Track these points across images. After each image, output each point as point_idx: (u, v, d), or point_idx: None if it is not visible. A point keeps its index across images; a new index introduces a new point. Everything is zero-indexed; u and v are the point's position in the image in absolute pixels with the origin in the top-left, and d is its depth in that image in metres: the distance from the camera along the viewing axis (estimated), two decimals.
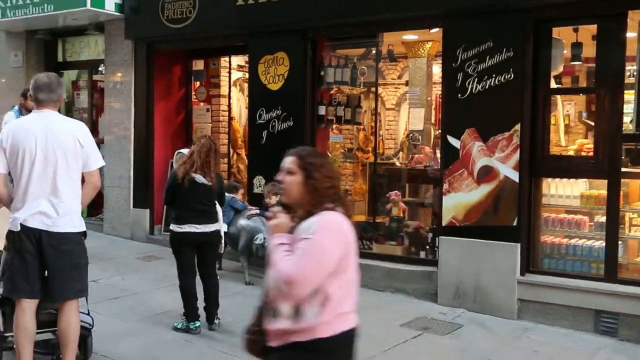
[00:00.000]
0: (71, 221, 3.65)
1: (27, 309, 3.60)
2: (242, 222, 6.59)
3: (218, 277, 6.06)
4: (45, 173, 3.57)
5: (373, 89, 9.93)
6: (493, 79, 5.62)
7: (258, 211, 6.56)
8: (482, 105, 5.71)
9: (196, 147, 4.86)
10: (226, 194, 6.68)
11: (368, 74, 7.53)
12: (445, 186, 5.98)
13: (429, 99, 9.61)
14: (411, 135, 9.14)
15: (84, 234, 3.75)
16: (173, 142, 8.84)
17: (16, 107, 5.95)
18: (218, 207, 5.09)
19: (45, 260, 3.60)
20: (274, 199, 6.56)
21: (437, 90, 10.67)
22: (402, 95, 12.19)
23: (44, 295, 3.66)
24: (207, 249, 5.03)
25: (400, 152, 9.61)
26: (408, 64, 10.64)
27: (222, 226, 5.11)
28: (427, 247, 6.54)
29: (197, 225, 4.86)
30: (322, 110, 7.08)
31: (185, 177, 4.75)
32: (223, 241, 5.14)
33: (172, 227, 4.92)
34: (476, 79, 5.71)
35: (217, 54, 8.77)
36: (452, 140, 5.93)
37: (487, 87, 5.67)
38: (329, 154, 7.40)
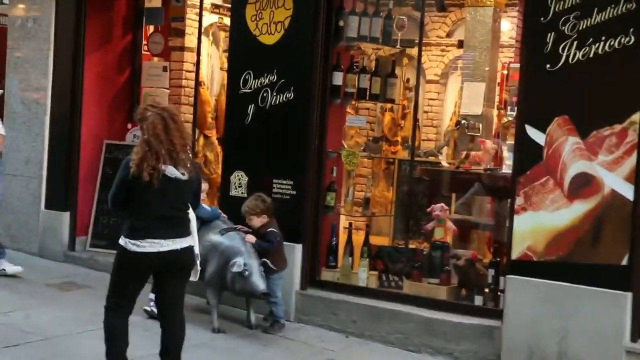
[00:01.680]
0: None
1: None
2: (213, 238, 6.48)
3: None
4: None
5: (410, 50, 9.96)
6: (602, 42, 5.54)
7: (252, 241, 6.45)
8: (583, 83, 5.63)
9: (148, 128, 4.74)
10: None
11: (408, 28, 7.45)
12: (519, 200, 5.90)
13: (492, 69, 9.59)
14: (464, 122, 9.13)
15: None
16: (110, 114, 8.81)
17: None
18: (192, 213, 4.99)
19: None
20: (256, 221, 6.46)
21: (506, 57, 10.69)
22: (451, 62, 12.18)
23: None
24: (175, 274, 4.95)
25: (445, 147, 9.55)
26: (464, 15, 10.63)
27: (196, 241, 5.01)
28: (487, 290, 6.45)
29: (164, 241, 4.76)
30: (338, 78, 7.01)
31: (151, 173, 4.63)
32: (198, 263, 5.03)
33: (125, 243, 4.80)
34: (576, 43, 5.62)
35: None
36: (532, 132, 5.86)
37: (591, 54, 5.58)
38: (344, 144, 7.33)
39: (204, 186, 6.78)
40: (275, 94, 6.97)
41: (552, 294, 5.72)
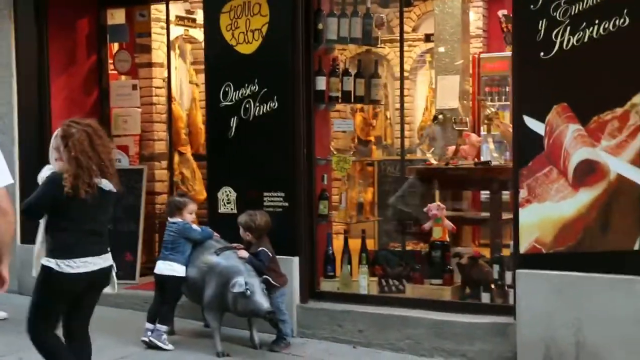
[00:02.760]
0: None
1: None
2: (209, 259, 6.38)
3: (161, 345, 6.27)
4: None
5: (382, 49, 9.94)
6: (596, 26, 5.54)
7: (244, 256, 6.38)
8: (579, 69, 5.63)
9: (75, 145, 4.63)
10: (171, 219, 6.50)
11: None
12: (523, 193, 5.88)
13: (464, 61, 9.62)
14: (441, 116, 9.14)
15: None
16: None
17: None
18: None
19: None
20: (245, 237, 6.46)
21: (475, 47, 10.72)
22: (419, 57, 12.21)
23: None
24: (97, 291, 4.88)
25: (423, 143, 9.55)
26: (430, 8, 10.65)
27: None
28: (493, 286, 6.43)
29: (95, 259, 4.67)
30: (321, 83, 6.95)
31: (87, 190, 4.53)
32: (114, 275, 4.89)
33: (55, 264, 4.62)
34: (568, 28, 5.63)
35: None
36: (531, 123, 5.85)
37: (586, 39, 5.59)
38: (332, 150, 7.27)
39: (193, 206, 6.68)
40: (258, 104, 6.89)
41: (565, 285, 5.71)
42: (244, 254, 6.37)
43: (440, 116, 9.17)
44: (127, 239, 8.29)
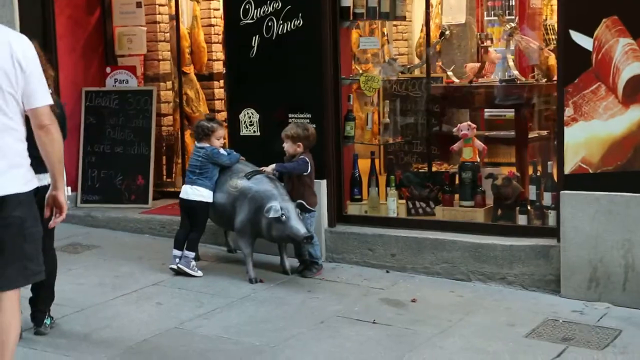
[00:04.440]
0: (17, 177, 3.72)
1: None
2: (240, 183, 6.08)
3: (191, 272, 6.13)
4: None
5: None
6: None
7: (271, 169, 6.06)
8: None
9: None
10: (198, 144, 6.19)
11: None
12: (569, 111, 5.63)
13: None
14: (447, 32, 8.82)
15: (35, 192, 3.83)
16: (85, 60, 8.24)
17: None
18: None
19: None
20: (290, 147, 6.09)
21: None
22: None
23: None
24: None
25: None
26: None
27: None
28: (531, 208, 6.22)
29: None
30: None
31: None
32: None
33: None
34: None
35: None
36: (578, 37, 5.56)
37: None
38: (357, 68, 6.94)
39: (221, 132, 6.34)
40: (281, 22, 6.52)
41: (613, 206, 5.51)
42: (271, 167, 6.08)
43: (447, 32, 8.84)
44: (138, 162, 7.96)
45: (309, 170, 6.12)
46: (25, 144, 3.79)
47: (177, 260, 6.18)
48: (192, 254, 6.18)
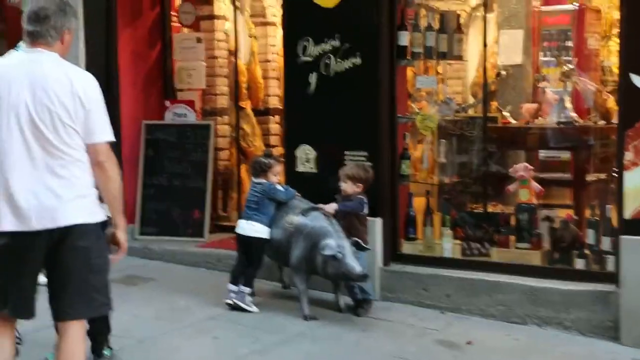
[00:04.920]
0: (83, 207, 3.80)
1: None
2: (296, 219, 6.08)
3: (247, 307, 6.16)
4: (32, 142, 3.73)
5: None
6: None
7: (332, 209, 6.06)
8: None
9: None
10: (255, 180, 6.21)
11: None
12: (629, 155, 5.55)
13: (528, 15, 9.18)
14: (504, 73, 8.76)
15: (104, 225, 3.91)
16: (145, 93, 8.35)
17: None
18: None
19: (50, 264, 3.77)
20: (349, 187, 6.08)
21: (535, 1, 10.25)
22: (473, 10, 11.71)
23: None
24: None
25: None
26: None
27: None
28: (589, 253, 6.13)
29: None
30: (404, 38, 6.59)
31: None
32: None
33: None
34: None
35: None
36: (638, 80, 5.48)
37: None
38: (414, 107, 6.94)
39: (278, 168, 6.37)
40: (339, 59, 6.55)
41: None
42: (333, 205, 6.06)
43: (503, 72, 8.79)
44: (195, 195, 8.03)
45: (365, 210, 6.12)
46: (91, 175, 3.86)
47: (233, 295, 6.20)
48: (247, 289, 6.19)
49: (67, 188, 3.75)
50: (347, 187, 6.11)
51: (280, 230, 6.18)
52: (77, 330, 3.89)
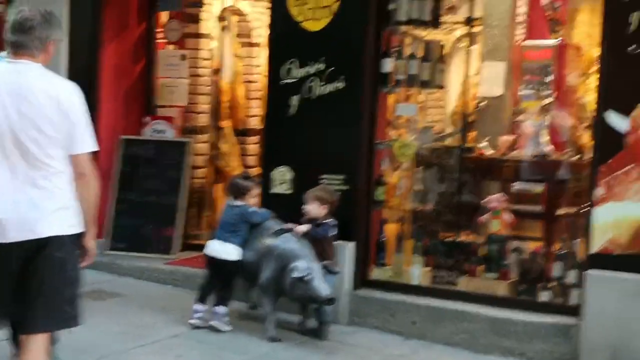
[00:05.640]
0: (64, 219, 3.79)
1: None
2: (268, 240, 6.10)
3: (222, 327, 6.10)
4: (13, 153, 3.72)
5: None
6: None
7: (305, 229, 6.07)
8: None
9: None
10: (232, 202, 6.20)
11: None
12: (600, 191, 5.61)
13: (510, 48, 9.25)
14: (483, 104, 8.82)
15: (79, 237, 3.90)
16: (126, 108, 8.34)
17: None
18: None
19: (24, 274, 3.72)
20: (315, 209, 6.09)
21: (518, 35, 10.33)
22: (457, 41, 11.80)
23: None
24: None
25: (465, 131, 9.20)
26: None
27: None
28: (555, 285, 6.17)
29: None
30: (388, 65, 6.65)
31: None
32: None
33: None
34: None
35: None
36: (614, 119, 5.58)
37: None
38: (391, 135, 6.99)
39: (256, 191, 6.39)
40: (323, 83, 6.59)
41: None
42: (303, 227, 6.06)
43: (484, 103, 8.85)
44: (168, 212, 8.01)
45: (334, 233, 6.14)
46: (72, 186, 3.86)
47: (199, 314, 6.17)
48: (223, 310, 6.17)
49: (48, 200, 3.75)
50: (313, 208, 6.14)
51: (252, 252, 6.18)
52: (42, 344, 3.83)
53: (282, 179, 6.77)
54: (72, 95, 3.81)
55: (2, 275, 3.74)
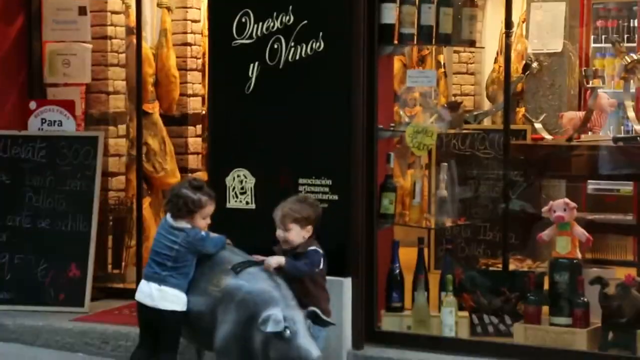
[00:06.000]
0: None
1: None
2: (225, 279, 6.21)
3: None
4: None
5: None
6: None
7: (279, 261, 6.17)
8: None
9: None
10: (175, 223, 6.31)
11: None
12: None
13: None
14: (535, 64, 9.05)
15: None
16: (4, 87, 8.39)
17: None
18: None
19: None
20: (295, 234, 6.21)
21: None
22: None
23: None
24: None
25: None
26: None
27: None
28: None
29: None
30: (389, 13, 6.82)
31: None
32: None
33: None
34: None
35: None
36: None
37: None
38: (403, 116, 7.15)
39: (211, 209, 6.41)
40: (292, 44, 6.75)
41: None
42: (279, 260, 6.14)
43: (535, 64, 9.06)
44: (72, 243, 8.11)
45: (322, 264, 6.23)
46: None
47: None
48: None
49: None
50: (293, 234, 6.18)
51: (201, 297, 6.27)
52: None
53: (241, 187, 6.92)
54: None
55: None
